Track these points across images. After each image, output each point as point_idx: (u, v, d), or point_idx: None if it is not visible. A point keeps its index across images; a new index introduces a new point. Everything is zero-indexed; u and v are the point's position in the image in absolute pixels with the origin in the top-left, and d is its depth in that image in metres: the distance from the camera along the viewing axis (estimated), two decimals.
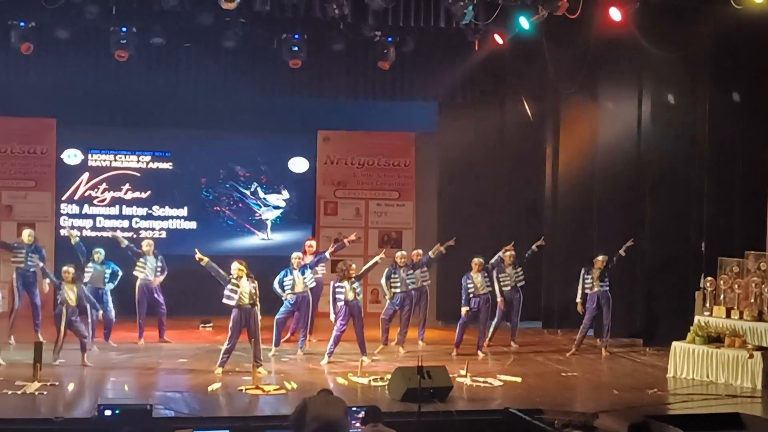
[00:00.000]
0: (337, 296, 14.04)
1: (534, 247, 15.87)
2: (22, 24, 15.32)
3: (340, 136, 19.66)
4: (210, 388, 12.02)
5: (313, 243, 16.36)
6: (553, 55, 16.33)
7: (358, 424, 9.64)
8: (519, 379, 12.93)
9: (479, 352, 14.81)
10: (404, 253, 15.80)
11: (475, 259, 14.95)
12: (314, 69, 16.87)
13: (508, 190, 18.19)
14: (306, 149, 19.65)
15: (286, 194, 19.56)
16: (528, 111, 17.85)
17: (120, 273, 14.95)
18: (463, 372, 12.79)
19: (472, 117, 18.08)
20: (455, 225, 17.92)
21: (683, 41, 14.49)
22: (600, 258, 15.02)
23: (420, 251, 15.98)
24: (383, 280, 15.33)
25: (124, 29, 15.50)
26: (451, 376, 11.81)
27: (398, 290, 15.19)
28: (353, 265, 14.34)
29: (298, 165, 19.69)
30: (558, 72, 16.70)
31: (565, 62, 16.40)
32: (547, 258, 17.45)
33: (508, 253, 15.48)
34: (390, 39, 16.33)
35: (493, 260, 15.33)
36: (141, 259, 15.35)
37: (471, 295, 14.80)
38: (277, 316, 14.73)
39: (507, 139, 18.22)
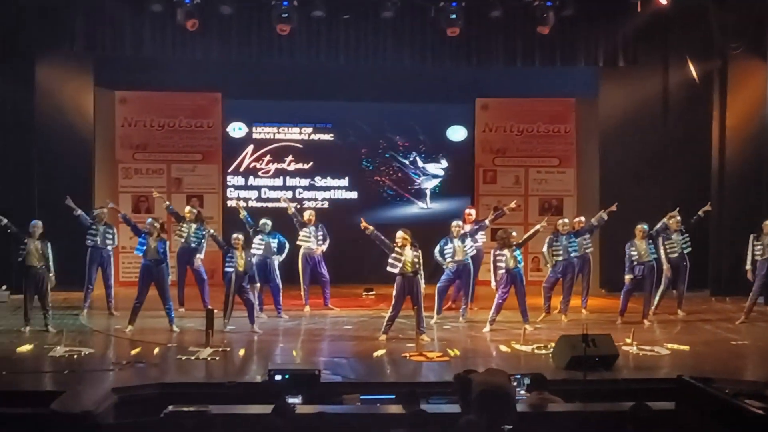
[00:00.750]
0: (498, 264, 14.02)
1: (700, 212, 15.42)
2: (187, 2, 15.73)
3: (499, 104, 19.53)
4: (375, 355, 12.21)
5: (473, 211, 16.34)
6: (718, 13, 15.84)
7: (522, 392, 9.63)
8: (687, 348, 12.67)
9: (645, 321, 14.56)
10: (566, 220, 15.62)
11: (639, 226, 14.68)
12: (472, 36, 16.78)
13: (673, 155, 17.70)
14: (464, 117, 19.61)
15: (444, 163, 19.58)
16: (693, 73, 17.33)
17: (287, 245, 15.29)
18: (628, 340, 12.61)
19: (634, 80, 17.66)
20: (617, 191, 17.56)
21: None
22: None
23: (582, 218, 15.78)
24: (545, 248, 15.20)
25: (285, 3, 15.74)
26: (616, 344, 11.67)
27: (560, 258, 15.04)
28: (514, 233, 14.27)
29: (457, 133, 19.67)
30: (724, 31, 16.18)
31: (731, 20, 15.87)
32: (714, 223, 16.97)
33: (673, 219, 15.11)
34: (549, 3, 16.08)
35: (658, 227, 15.00)
36: (304, 229, 15.66)
37: (635, 263, 14.56)
38: (438, 284, 14.81)
39: (671, 102, 17.73)
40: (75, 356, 11.86)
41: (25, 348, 12.26)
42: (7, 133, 15.81)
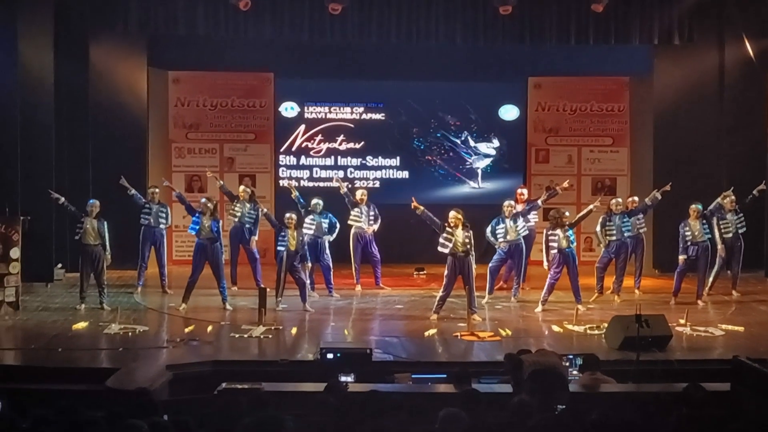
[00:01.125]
0: (551, 244, 13.97)
1: (755, 191, 15.22)
2: None
3: (552, 82, 19.38)
4: (426, 334, 12.23)
5: (525, 191, 16.27)
6: None
7: (575, 372, 9.60)
8: (741, 329, 12.55)
9: (699, 302, 14.42)
10: (619, 200, 15.50)
11: (693, 206, 14.52)
12: (525, 15, 16.61)
13: (728, 134, 17.46)
14: (516, 96, 19.49)
15: (496, 142, 19.48)
16: (749, 51, 17.05)
17: (338, 225, 15.34)
18: (682, 321, 12.51)
19: (689, 59, 17.41)
20: (671, 171, 17.36)
21: None
22: None
23: (635, 198, 15.64)
24: (598, 228, 15.09)
25: None
26: (670, 325, 11.58)
27: (613, 238, 14.92)
28: (566, 213, 14.19)
29: (509, 112, 19.55)
30: None
31: None
32: None
33: (728, 198, 14.93)
34: None
35: (711, 206, 14.83)
36: (355, 209, 15.70)
37: (689, 243, 14.42)
38: (490, 264, 14.78)
39: (727, 81, 17.47)
40: (129, 334, 12.04)
41: (81, 325, 12.44)
42: (61, 113, 15.96)
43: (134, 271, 15.32)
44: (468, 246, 13.22)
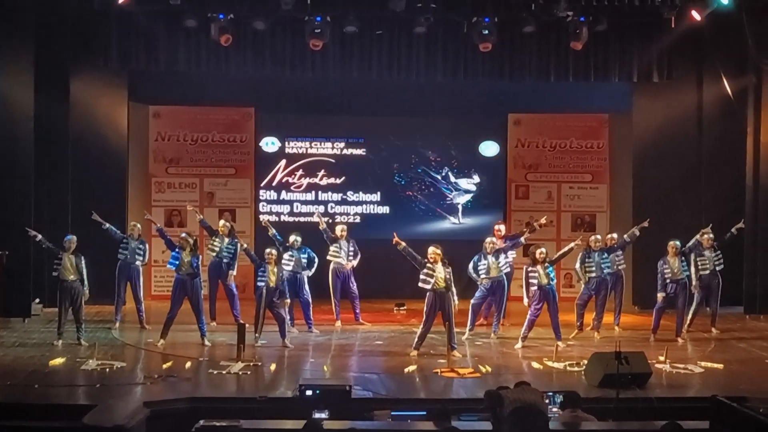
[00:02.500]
0: (531, 281, 13.97)
1: (734, 229, 15.29)
2: (221, 17, 15.81)
3: (531, 119, 19.48)
4: (406, 370, 12.18)
5: (502, 227, 16.27)
6: (753, 30, 15.71)
7: (555, 409, 9.57)
8: (721, 366, 12.55)
9: (678, 339, 14.44)
10: (598, 236, 15.53)
11: (672, 243, 14.58)
12: (505, 52, 16.73)
13: (707, 172, 17.57)
14: (496, 132, 19.57)
15: (476, 178, 19.53)
16: (727, 89, 17.20)
17: (316, 260, 15.32)
18: (662, 358, 12.52)
19: (668, 96, 17.55)
20: (650, 207, 17.47)
21: None
22: None
23: (614, 235, 15.68)
24: (577, 265, 15.11)
25: (318, 19, 15.77)
26: (649, 362, 11.58)
27: (593, 275, 14.94)
28: (543, 250, 14.19)
29: (489, 149, 19.62)
30: (759, 47, 16.05)
31: (766, 36, 15.74)
32: (749, 241, 16.80)
33: (706, 236, 15.00)
34: (582, 18, 16.02)
35: (690, 243, 14.89)
36: (335, 244, 15.68)
37: (668, 280, 14.45)
38: (473, 301, 14.78)
39: (705, 118, 17.61)
40: (107, 370, 11.94)
41: (58, 361, 12.34)
42: (41, 147, 15.92)
43: (112, 306, 15.23)
44: (448, 282, 13.22)
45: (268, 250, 13.99)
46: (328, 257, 15.69)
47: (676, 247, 14.52)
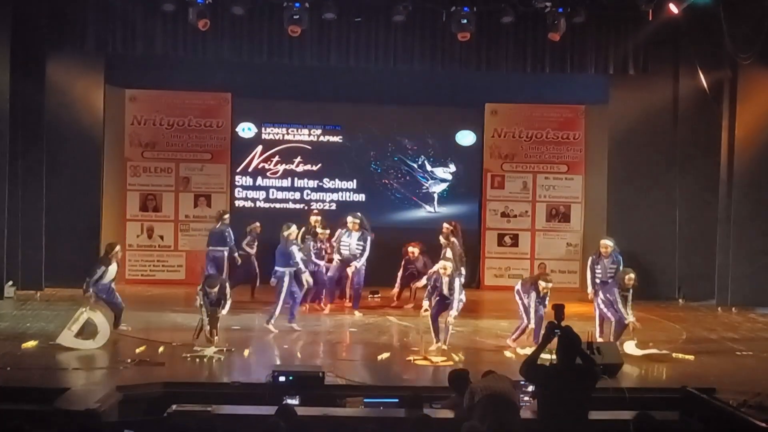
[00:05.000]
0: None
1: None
2: (199, 1, 15.74)
3: (508, 109, 19.52)
4: (379, 358, 12.22)
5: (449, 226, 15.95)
6: (730, 24, 15.77)
7: (527, 398, 9.62)
8: (692, 358, 12.66)
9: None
10: (608, 242, 14.13)
11: (606, 242, 14.01)
12: (483, 42, 16.76)
13: (681, 164, 17.67)
14: (473, 122, 19.59)
15: (452, 167, 19.56)
16: (703, 82, 17.30)
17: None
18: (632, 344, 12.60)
19: (644, 89, 17.64)
20: (625, 199, 17.63)
21: None
22: None
23: (609, 243, 14.63)
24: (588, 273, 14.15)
25: (297, 5, 15.72)
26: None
27: (598, 280, 13.80)
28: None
29: (466, 138, 19.65)
30: (735, 41, 16.11)
31: (742, 31, 15.82)
32: (722, 234, 16.91)
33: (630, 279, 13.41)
34: (561, 10, 16.06)
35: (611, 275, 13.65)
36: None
37: (598, 280, 13.67)
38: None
39: (681, 111, 17.70)
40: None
41: (30, 344, 12.28)
42: (17, 130, 15.82)
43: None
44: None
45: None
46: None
47: (608, 247, 14.04)
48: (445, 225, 15.70)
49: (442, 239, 15.00)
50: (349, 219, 15.57)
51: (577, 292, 17.62)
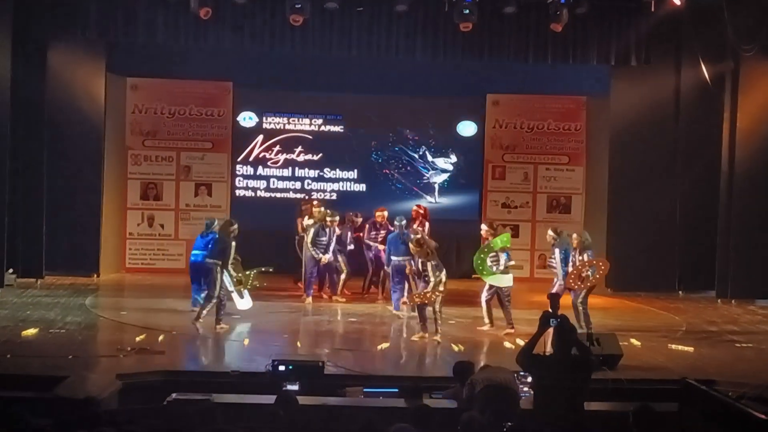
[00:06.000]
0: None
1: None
2: None
3: (510, 100, 19.51)
4: (379, 347, 12.23)
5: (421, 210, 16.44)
6: (732, 16, 15.74)
7: (526, 389, 9.62)
8: (691, 349, 12.66)
9: None
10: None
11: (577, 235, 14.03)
12: (485, 32, 16.71)
13: (683, 156, 17.63)
14: (475, 113, 19.60)
15: (454, 158, 19.57)
16: (705, 74, 17.26)
17: None
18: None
19: (646, 80, 17.59)
20: (626, 190, 17.60)
21: None
22: None
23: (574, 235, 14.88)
24: (560, 262, 14.19)
25: None
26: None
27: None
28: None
29: (467, 129, 19.66)
30: (738, 33, 16.09)
31: (745, 23, 15.80)
32: (722, 226, 16.91)
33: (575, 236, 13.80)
34: (563, 1, 16.02)
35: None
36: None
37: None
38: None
39: (682, 103, 17.66)
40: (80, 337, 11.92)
41: (31, 332, 12.29)
42: (18, 117, 15.80)
43: (86, 278, 15.19)
44: None
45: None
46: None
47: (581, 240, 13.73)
48: (414, 208, 16.40)
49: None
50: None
51: None
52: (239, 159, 19.16)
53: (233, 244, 13.07)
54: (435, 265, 12.68)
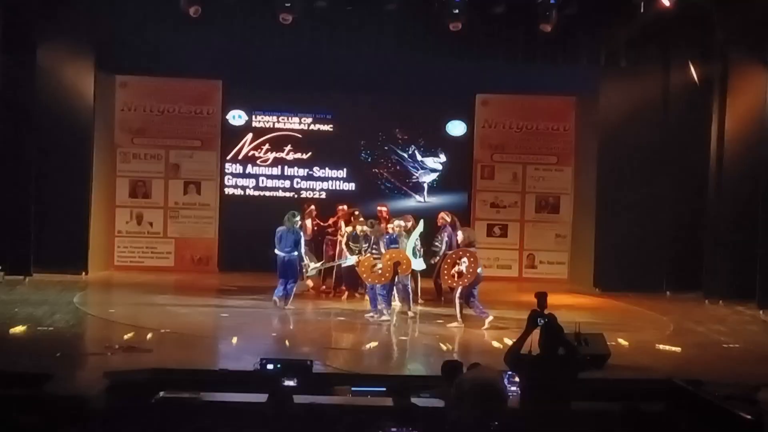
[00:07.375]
0: None
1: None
2: None
3: (499, 100, 19.55)
4: (367, 346, 12.23)
5: (384, 208, 16.39)
6: (722, 18, 15.80)
7: (513, 389, 9.63)
8: (679, 349, 12.69)
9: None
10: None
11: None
12: (474, 32, 16.73)
13: (671, 157, 17.70)
14: (464, 112, 19.64)
15: (443, 157, 19.60)
16: (694, 75, 17.33)
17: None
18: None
19: (635, 81, 17.66)
20: (614, 190, 17.64)
21: None
22: None
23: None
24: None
25: None
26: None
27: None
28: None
29: (456, 128, 19.70)
30: (727, 35, 16.15)
31: (734, 25, 15.84)
32: (710, 227, 16.97)
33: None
34: (553, 1, 16.05)
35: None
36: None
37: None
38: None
39: (671, 104, 17.73)
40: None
41: (19, 329, 12.26)
42: (6, 113, 15.77)
43: (74, 275, 15.15)
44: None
45: None
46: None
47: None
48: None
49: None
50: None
51: (566, 283, 17.80)
52: (228, 157, 19.15)
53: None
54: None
